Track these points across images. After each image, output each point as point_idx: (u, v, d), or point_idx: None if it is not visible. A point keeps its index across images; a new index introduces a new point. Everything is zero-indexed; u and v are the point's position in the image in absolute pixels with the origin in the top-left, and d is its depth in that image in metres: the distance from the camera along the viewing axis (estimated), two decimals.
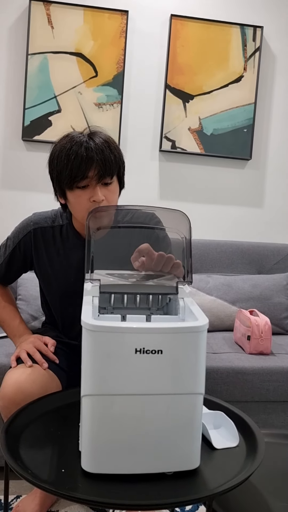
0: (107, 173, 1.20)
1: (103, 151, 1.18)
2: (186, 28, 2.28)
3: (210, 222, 2.43)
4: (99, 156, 1.17)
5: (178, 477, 0.83)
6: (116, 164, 1.22)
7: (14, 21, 2.22)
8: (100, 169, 1.18)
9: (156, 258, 0.99)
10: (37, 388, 1.17)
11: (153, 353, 0.78)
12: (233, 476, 0.84)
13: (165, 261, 1.00)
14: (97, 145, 1.18)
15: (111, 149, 1.21)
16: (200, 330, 0.80)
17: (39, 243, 1.36)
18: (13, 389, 1.16)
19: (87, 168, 1.17)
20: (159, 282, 1.00)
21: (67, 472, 0.83)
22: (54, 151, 1.24)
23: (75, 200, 1.23)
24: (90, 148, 1.18)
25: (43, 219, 1.37)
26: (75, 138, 1.20)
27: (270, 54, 2.40)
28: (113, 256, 1.01)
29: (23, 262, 1.41)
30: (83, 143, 1.18)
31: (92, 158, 1.17)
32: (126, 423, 0.80)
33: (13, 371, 1.23)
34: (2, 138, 2.26)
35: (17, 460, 0.85)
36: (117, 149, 1.24)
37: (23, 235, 1.37)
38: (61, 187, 1.24)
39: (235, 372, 1.62)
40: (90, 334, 0.78)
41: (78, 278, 1.30)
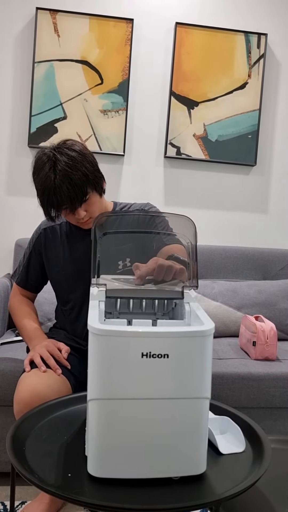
0: (77, 199, 1.27)
1: (67, 186, 1.25)
2: (191, 36, 2.30)
3: (215, 228, 2.44)
4: (64, 194, 1.25)
5: (184, 482, 0.82)
6: (84, 184, 1.27)
7: (21, 30, 2.24)
8: (70, 200, 1.26)
9: (156, 270, 0.99)
10: (53, 393, 1.18)
11: (159, 357, 0.78)
12: (239, 481, 0.83)
13: (165, 271, 0.99)
14: (61, 177, 1.24)
15: (73, 176, 1.25)
16: (206, 335, 0.80)
17: (49, 240, 1.47)
18: (29, 393, 1.16)
19: (59, 203, 1.27)
20: (165, 287, 1.01)
21: (74, 476, 0.83)
22: (36, 186, 1.32)
23: (63, 215, 1.36)
24: (56, 188, 1.25)
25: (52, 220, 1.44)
26: (43, 176, 1.26)
27: (275, 61, 2.42)
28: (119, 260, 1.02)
29: (40, 263, 1.50)
30: (50, 185, 1.25)
31: (61, 194, 1.25)
32: (133, 427, 0.80)
33: (27, 376, 1.23)
34: (9, 145, 2.28)
35: (24, 464, 0.85)
36: (84, 167, 1.27)
37: (36, 237, 1.50)
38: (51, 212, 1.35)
39: (241, 378, 1.62)
40: (96, 338, 0.78)
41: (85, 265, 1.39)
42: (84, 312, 1.45)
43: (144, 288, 1.00)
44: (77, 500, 0.76)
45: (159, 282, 1.01)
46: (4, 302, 2.00)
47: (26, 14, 2.23)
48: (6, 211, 2.27)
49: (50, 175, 1.25)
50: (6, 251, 2.28)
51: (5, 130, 2.28)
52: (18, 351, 1.69)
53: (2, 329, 1.99)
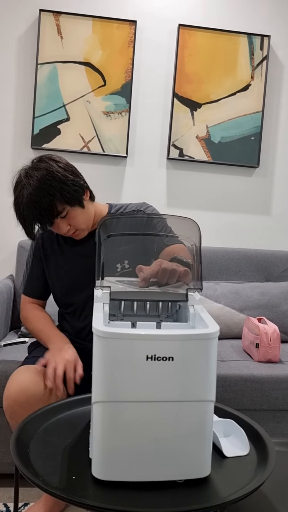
0: (46, 220, 1.28)
1: (33, 207, 1.25)
2: (194, 38, 2.30)
3: (218, 230, 2.44)
4: (34, 213, 1.26)
5: (189, 485, 0.82)
6: (52, 205, 1.26)
7: (24, 31, 2.25)
8: (39, 221, 1.28)
9: (160, 274, 0.99)
10: (41, 390, 1.20)
11: (164, 360, 0.78)
12: (244, 484, 0.83)
13: (169, 274, 0.99)
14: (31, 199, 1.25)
15: (43, 192, 1.25)
16: (211, 337, 0.80)
17: (47, 247, 1.46)
18: (16, 390, 1.19)
19: (33, 224, 1.29)
20: (169, 289, 1.00)
21: (78, 479, 0.83)
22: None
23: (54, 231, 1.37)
24: (25, 207, 1.26)
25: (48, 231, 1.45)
26: (15, 201, 1.30)
27: (278, 62, 2.41)
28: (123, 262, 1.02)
29: (42, 269, 1.48)
30: (21, 203, 1.27)
31: (30, 218, 1.27)
32: (137, 430, 0.80)
33: (17, 373, 1.26)
34: (12, 146, 2.28)
35: (28, 467, 0.85)
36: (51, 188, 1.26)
37: (35, 244, 1.49)
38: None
39: (244, 380, 1.61)
40: (101, 340, 0.78)
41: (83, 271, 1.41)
42: (85, 314, 1.44)
43: (148, 290, 1.00)
44: (81, 503, 0.76)
45: (163, 285, 1.00)
46: (7, 303, 2.00)
47: (29, 16, 2.24)
48: (9, 212, 2.27)
49: (19, 200, 1.28)
50: (9, 252, 2.28)
51: (8, 131, 2.28)
52: (20, 353, 1.69)
53: (4, 331, 1.99)
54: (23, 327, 1.97)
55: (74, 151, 2.26)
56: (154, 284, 1.01)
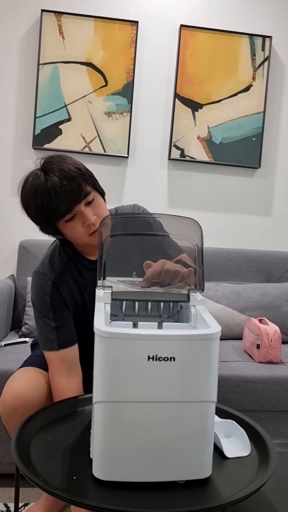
0: (81, 193, 1.16)
1: (64, 181, 1.14)
2: (196, 38, 2.30)
3: (219, 230, 2.43)
4: (63, 189, 1.14)
5: (190, 486, 0.82)
6: (83, 179, 1.17)
7: (26, 32, 2.25)
8: (71, 199, 1.15)
9: (163, 275, 0.99)
10: (38, 395, 1.19)
11: (166, 360, 0.78)
12: (245, 485, 0.83)
13: (172, 275, 0.99)
14: (57, 177, 1.14)
15: (70, 174, 1.16)
16: (213, 338, 0.80)
17: (63, 288, 1.26)
18: (12, 395, 1.17)
19: (61, 203, 1.14)
20: (171, 289, 1.00)
21: (79, 479, 0.83)
22: (24, 203, 1.22)
23: (70, 232, 1.21)
24: (51, 185, 1.14)
25: (54, 263, 1.27)
26: (35, 182, 1.17)
27: (279, 63, 2.41)
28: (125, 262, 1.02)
29: (67, 312, 1.27)
30: (43, 184, 1.15)
31: (58, 194, 1.13)
32: (138, 431, 0.80)
33: (13, 378, 1.24)
34: (13, 146, 2.28)
35: (28, 467, 0.84)
36: (76, 169, 1.18)
37: (49, 293, 1.24)
38: (48, 230, 1.23)
39: (245, 381, 1.61)
40: (102, 340, 0.78)
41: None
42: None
43: (149, 290, 1.00)
44: (82, 503, 0.76)
45: (165, 285, 1.00)
46: (7, 303, 2.00)
47: (31, 16, 2.24)
48: (10, 212, 2.27)
49: (41, 176, 1.16)
50: (10, 252, 2.28)
51: (10, 131, 2.28)
52: (21, 352, 1.69)
53: (5, 331, 1.99)
54: (23, 327, 1.97)
55: (75, 151, 2.26)
56: (156, 284, 1.01)
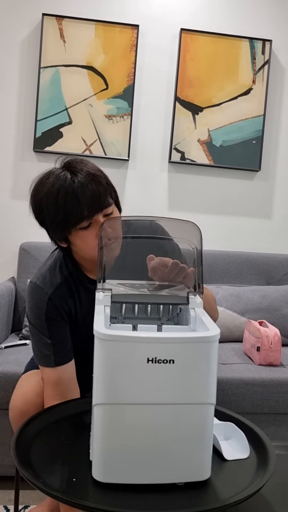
0: (104, 203, 1.10)
1: (92, 185, 1.08)
2: (196, 42, 2.31)
3: (219, 233, 2.44)
4: (90, 192, 1.07)
5: (189, 488, 0.82)
6: (107, 189, 1.12)
7: (27, 35, 2.26)
8: (96, 202, 1.08)
9: (170, 266, 1.00)
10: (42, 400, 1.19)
11: (165, 363, 0.78)
12: (244, 487, 0.83)
13: (179, 270, 1.00)
14: (85, 180, 1.07)
15: (99, 179, 1.10)
16: (212, 340, 0.80)
17: (63, 302, 1.21)
18: (20, 401, 1.18)
19: (82, 207, 1.07)
20: (170, 292, 1.01)
21: (78, 481, 0.83)
22: (38, 203, 1.11)
23: (81, 241, 1.12)
24: (79, 187, 1.06)
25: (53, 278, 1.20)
26: (58, 182, 1.07)
27: (279, 67, 2.42)
28: (124, 266, 1.02)
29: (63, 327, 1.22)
30: (69, 184, 1.06)
31: (85, 197, 1.06)
32: (138, 433, 0.80)
33: (21, 383, 1.25)
34: (14, 149, 2.29)
35: (28, 469, 0.85)
36: (103, 176, 1.14)
37: (45, 308, 1.18)
38: (60, 234, 1.14)
39: (245, 383, 1.61)
40: (102, 343, 0.78)
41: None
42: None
43: (149, 293, 1.00)
44: (81, 505, 0.76)
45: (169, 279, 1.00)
46: (8, 306, 2.00)
47: (32, 20, 2.25)
48: (11, 215, 2.28)
49: (67, 175, 1.07)
50: (10, 255, 2.28)
51: (11, 134, 2.29)
52: (21, 354, 1.70)
53: (6, 333, 1.99)
54: (24, 329, 1.97)
55: (76, 154, 2.27)
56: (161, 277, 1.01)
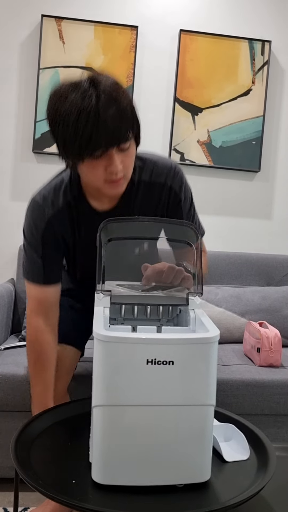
0: (123, 138, 1.00)
1: (116, 116, 0.97)
2: (195, 43, 2.31)
3: (219, 234, 2.44)
4: (112, 124, 0.96)
5: (188, 490, 0.82)
6: (131, 123, 1.01)
7: (27, 37, 2.26)
8: (116, 135, 0.98)
9: (166, 271, 0.99)
10: None
11: (165, 364, 0.78)
12: (244, 489, 0.83)
13: (175, 273, 1.00)
14: (111, 109, 0.96)
15: (125, 111, 0.99)
16: (212, 341, 0.80)
17: (61, 227, 1.19)
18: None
19: (100, 137, 0.96)
20: (170, 293, 1.01)
21: (78, 483, 0.83)
22: (56, 112, 0.99)
23: (88, 171, 1.05)
24: (102, 115, 0.95)
25: (55, 199, 1.17)
26: (84, 103, 0.95)
27: (279, 67, 2.42)
28: (124, 266, 1.02)
29: (56, 252, 1.22)
30: (93, 111, 0.95)
31: (106, 128, 0.96)
32: (137, 434, 0.80)
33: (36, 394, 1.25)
34: (13, 150, 2.29)
35: (28, 471, 0.84)
36: (130, 107, 1.01)
37: (42, 229, 1.18)
38: (69, 157, 1.05)
39: (245, 384, 1.61)
40: (102, 344, 0.78)
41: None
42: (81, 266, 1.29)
43: (149, 294, 1.00)
44: (81, 507, 0.76)
45: (166, 284, 1.00)
46: (7, 307, 2.00)
47: (31, 21, 2.25)
48: (10, 216, 2.28)
49: (91, 93, 0.95)
50: (10, 256, 2.28)
51: (10, 135, 2.29)
52: (20, 356, 1.69)
53: (5, 334, 1.99)
54: (23, 331, 1.97)
55: None
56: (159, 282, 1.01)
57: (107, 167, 1.02)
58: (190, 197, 1.27)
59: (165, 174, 1.19)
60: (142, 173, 1.18)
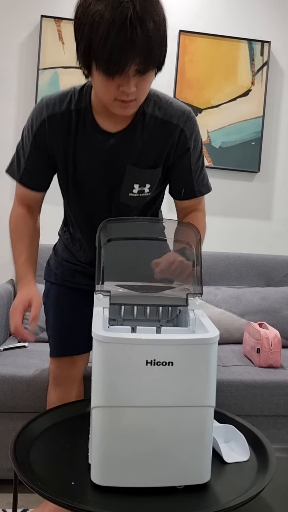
0: (151, 65, 0.95)
1: (152, 37, 0.90)
2: (195, 44, 2.31)
3: (219, 235, 2.43)
4: (146, 45, 0.90)
5: (188, 491, 0.82)
6: (161, 48, 0.95)
7: (26, 37, 2.26)
8: (143, 62, 0.93)
9: (176, 263, 0.99)
10: None
11: (164, 365, 0.78)
12: (244, 491, 0.83)
13: (183, 267, 0.99)
14: (146, 27, 0.89)
15: (158, 29, 0.92)
16: (211, 342, 0.80)
17: (56, 134, 1.13)
18: None
19: (126, 53, 0.90)
20: (169, 294, 1.00)
21: (77, 484, 0.82)
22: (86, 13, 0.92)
23: (101, 84, 0.98)
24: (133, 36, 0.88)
25: (58, 102, 1.13)
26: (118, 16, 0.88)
27: (278, 68, 2.42)
28: (123, 267, 1.02)
29: (44, 161, 1.19)
30: (125, 27, 0.88)
31: (133, 54, 0.90)
32: (136, 436, 0.79)
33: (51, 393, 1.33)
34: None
35: (27, 472, 0.84)
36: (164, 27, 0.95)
37: (37, 127, 1.14)
38: (88, 64, 0.99)
39: (245, 385, 1.61)
40: (101, 345, 0.78)
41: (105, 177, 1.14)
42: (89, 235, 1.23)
43: (148, 295, 1.00)
44: (80, 509, 0.75)
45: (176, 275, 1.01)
46: (7, 308, 1.99)
47: (31, 22, 2.25)
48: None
49: (129, 10, 0.87)
50: (9, 257, 2.26)
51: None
52: (19, 357, 1.69)
53: (4, 335, 1.98)
54: None
55: None
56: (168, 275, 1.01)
57: (121, 86, 0.97)
58: (200, 149, 1.23)
59: (178, 116, 1.15)
60: (155, 109, 1.14)
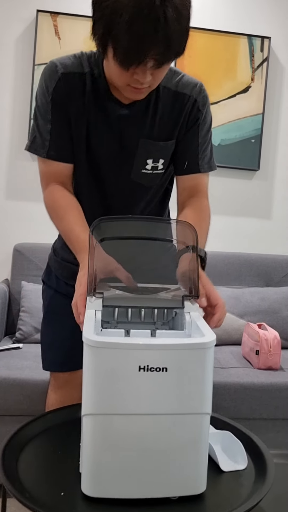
0: (170, 57, 0.92)
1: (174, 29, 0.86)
2: (194, 39, 2.26)
3: (218, 234, 2.40)
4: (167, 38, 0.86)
5: (183, 502, 0.78)
6: (183, 42, 0.92)
7: (22, 32, 2.22)
8: (163, 54, 0.89)
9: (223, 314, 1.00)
10: None
11: (158, 371, 0.74)
12: (241, 502, 0.79)
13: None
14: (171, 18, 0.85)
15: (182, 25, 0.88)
16: (207, 347, 0.76)
17: (71, 91, 1.06)
18: None
19: (149, 51, 0.87)
20: (165, 296, 0.97)
21: (67, 495, 0.79)
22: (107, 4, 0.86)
23: (115, 68, 0.94)
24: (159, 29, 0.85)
25: (71, 63, 1.06)
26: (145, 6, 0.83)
27: (278, 64, 2.39)
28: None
29: (67, 120, 1.08)
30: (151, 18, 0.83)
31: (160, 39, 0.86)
32: (129, 444, 0.76)
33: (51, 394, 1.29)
34: (8, 148, 2.25)
35: (15, 481, 0.81)
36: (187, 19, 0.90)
37: (55, 84, 1.06)
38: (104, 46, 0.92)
39: (243, 388, 1.58)
40: (92, 350, 0.74)
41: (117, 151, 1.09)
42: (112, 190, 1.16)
43: (143, 296, 0.96)
44: None
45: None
46: (1, 308, 1.96)
47: (26, 16, 2.21)
48: (5, 215, 2.24)
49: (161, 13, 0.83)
50: (4, 256, 2.24)
51: (5, 133, 2.25)
52: (14, 358, 1.66)
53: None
54: (18, 333, 1.93)
55: None
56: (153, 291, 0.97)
57: (135, 74, 0.93)
58: (210, 124, 1.20)
59: (192, 87, 1.15)
60: (168, 81, 1.11)
